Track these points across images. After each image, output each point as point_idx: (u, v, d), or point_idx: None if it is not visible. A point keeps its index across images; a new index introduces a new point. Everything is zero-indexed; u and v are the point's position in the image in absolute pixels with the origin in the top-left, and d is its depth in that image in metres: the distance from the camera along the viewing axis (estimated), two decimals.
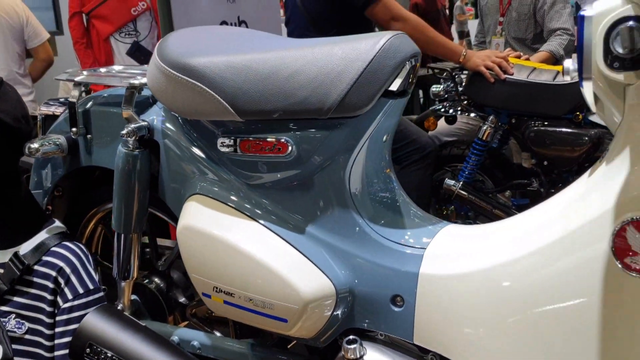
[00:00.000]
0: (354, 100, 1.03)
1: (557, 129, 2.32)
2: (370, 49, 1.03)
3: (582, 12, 0.84)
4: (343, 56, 1.04)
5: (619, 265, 0.85)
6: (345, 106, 1.03)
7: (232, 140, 1.14)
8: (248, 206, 1.17)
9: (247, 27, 2.29)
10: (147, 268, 1.56)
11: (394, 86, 1.07)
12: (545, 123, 2.35)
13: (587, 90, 0.88)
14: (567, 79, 0.92)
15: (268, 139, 1.10)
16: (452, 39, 6.22)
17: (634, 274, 0.84)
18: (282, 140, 1.09)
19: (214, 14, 2.16)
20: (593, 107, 0.94)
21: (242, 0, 2.27)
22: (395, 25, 2.40)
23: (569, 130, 2.30)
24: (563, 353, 0.91)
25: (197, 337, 1.35)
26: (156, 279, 1.53)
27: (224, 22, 2.18)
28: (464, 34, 6.73)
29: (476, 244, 1.05)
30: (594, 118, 2.16)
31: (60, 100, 1.72)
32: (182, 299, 1.53)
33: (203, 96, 1.10)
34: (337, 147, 1.09)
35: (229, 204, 1.18)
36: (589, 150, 2.25)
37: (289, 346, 1.35)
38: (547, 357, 0.93)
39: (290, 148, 1.09)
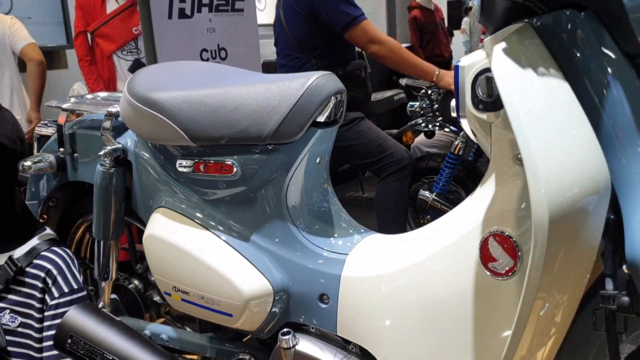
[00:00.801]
0: (287, 129, 1.20)
1: None
2: (300, 87, 1.21)
3: (457, 63, 1.03)
4: (278, 93, 1.21)
5: (485, 270, 1.03)
6: (279, 134, 1.21)
7: (188, 162, 1.32)
8: (203, 218, 1.35)
9: (226, 53, 2.44)
10: (127, 270, 1.75)
11: (322, 118, 1.24)
12: None
13: (465, 125, 1.06)
14: (454, 115, 1.09)
15: (217, 161, 1.28)
16: (450, 51, 6.36)
17: (497, 278, 1.02)
18: (229, 162, 1.27)
19: (195, 42, 2.29)
20: (474, 138, 1.12)
21: (221, 29, 2.39)
22: (372, 47, 2.55)
23: None
24: (447, 342, 1.09)
25: (165, 332, 1.52)
26: (135, 281, 1.72)
27: (204, 50, 2.33)
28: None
29: (389, 251, 1.23)
30: None
31: (57, 122, 1.92)
32: (157, 298, 1.70)
33: (163, 125, 1.27)
34: (275, 168, 1.26)
35: (187, 216, 1.36)
36: None
37: (244, 339, 1.52)
38: (436, 346, 1.10)
39: (235, 169, 1.26)
